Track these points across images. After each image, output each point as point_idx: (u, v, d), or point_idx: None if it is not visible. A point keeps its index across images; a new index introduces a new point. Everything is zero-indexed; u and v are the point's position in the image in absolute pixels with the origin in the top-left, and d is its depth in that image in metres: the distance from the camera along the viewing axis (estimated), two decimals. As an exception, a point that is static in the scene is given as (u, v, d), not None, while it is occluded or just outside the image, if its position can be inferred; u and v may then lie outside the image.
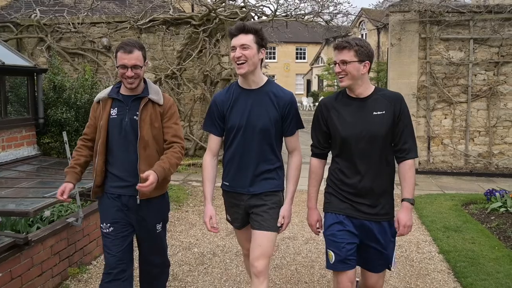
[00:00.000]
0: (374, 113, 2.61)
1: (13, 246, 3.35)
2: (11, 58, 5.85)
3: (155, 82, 9.87)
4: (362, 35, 30.69)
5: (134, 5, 10.78)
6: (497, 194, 6.17)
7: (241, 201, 2.85)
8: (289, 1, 9.84)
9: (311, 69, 39.39)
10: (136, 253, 3.06)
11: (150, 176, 2.56)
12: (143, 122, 2.79)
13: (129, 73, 2.73)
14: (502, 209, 5.79)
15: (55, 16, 10.31)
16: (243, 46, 2.67)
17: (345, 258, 2.66)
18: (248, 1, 9.89)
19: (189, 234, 5.33)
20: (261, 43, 2.73)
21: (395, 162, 2.72)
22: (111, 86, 2.95)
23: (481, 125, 9.39)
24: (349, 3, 28.14)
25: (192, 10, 13.33)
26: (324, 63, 35.11)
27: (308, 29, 11.44)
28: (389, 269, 2.79)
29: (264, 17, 10.28)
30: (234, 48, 2.70)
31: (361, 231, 2.68)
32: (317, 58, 38.13)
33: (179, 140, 2.87)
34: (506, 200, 5.91)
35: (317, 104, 2.99)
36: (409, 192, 2.65)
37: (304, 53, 42.38)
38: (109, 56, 10.20)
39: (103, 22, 10.12)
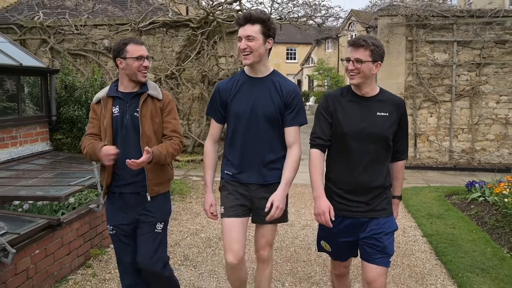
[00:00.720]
0: (378, 113, 2.64)
1: (47, 227, 3.79)
2: (27, 60, 6.26)
3: (155, 82, 10.30)
4: (351, 36, 31.32)
5: (133, 8, 11.19)
6: (476, 185, 6.70)
7: (245, 191, 2.80)
8: (283, 5, 10.33)
9: (302, 69, 39.94)
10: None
11: (144, 156, 2.60)
12: (144, 117, 2.81)
13: (147, 63, 2.81)
14: (481, 199, 6.32)
15: (58, 18, 10.68)
16: (249, 38, 2.63)
17: (341, 254, 2.86)
18: (244, 5, 10.36)
19: (195, 222, 5.78)
20: (268, 33, 2.67)
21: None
22: (108, 86, 2.95)
23: (464, 123, 9.95)
24: (339, 7, 28.76)
25: (187, 13, 13.77)
26: (314, 63, 35.63)
27: (300, 30, 11.93)
28: (388, 265, 2.72)
29: (259, 20, 10.72)
30: (240, 39, 2.68)
31: (358, 229, 2.70)
32: (307, 58, 38.67)
33: (178, 135, 2.90)
34: (484, 190, 6.44)
35: (306, 99, 3.10)
36: (399, 190, 2.85)
37: (295, 54, 42.91)
38: (110, 57, 10.58)
39: (105, 24, 10.52)
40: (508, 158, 9.86)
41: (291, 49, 42.53)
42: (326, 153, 2.78)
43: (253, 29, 2.62)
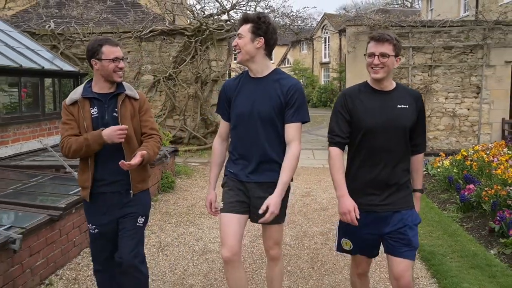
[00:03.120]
0: (399, 106, 2.64)
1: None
2: (63, 65, 7.74)
3: (154, 83, 11.86)
4: (325, 38, 33.17)
5: (130, 16, 12.66)
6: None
7: (244, 189, 2.80)
8: (265, 16, 11.97)
9: (278, 69, 41.58)
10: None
11: (138, 159, 2.65)
12: (123, 118, 2.81)
13: (122, 64, 2.78)
14: (424, 172, 8.11)
15: (67, 26, 12.08)
16: (239, 35, 2.71)
17: (364, 249, 2.80)
18: (232, 16, 12.00)
19: (203, 192, 7.37)
20: (257, 32, 2.67)
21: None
22: (81, 86, 2.88)
23: (419, 116, 11.77)
24: (314, 19, 30.84)
25: (174, 21, 15.30)
26: (290, 64, 37.43)
27: (279, 36, 13.59)
28: (414, 258, 2.74)
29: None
30: None
31: (381, 223, 2.68)
32: (283, 59, 40.35)
33: (157, 132, 2.94)
34: (428, 166, 8.24)
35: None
36: (420, 183, 2.80)
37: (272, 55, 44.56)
38: (114, 60, 12.03)
39: (110, 32, 11.96)
40: (455, 145, 11.72)
41: (267, 50, 43.98)
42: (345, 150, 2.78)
43: (244, 28, 2.70)
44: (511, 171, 5.62)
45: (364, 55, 2.71)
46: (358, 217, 2.59)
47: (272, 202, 2.61)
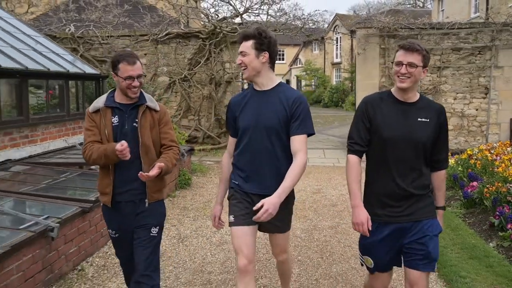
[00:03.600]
0: (419, 119, 2.60)
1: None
2: (86, 68, 8.16)
3: (170, 84, 12.28)
4: (337, 38, 33.40)
5: (146, 20, 13.11)
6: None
7: (251, 200, 2.80)
8: (278, 20, 12.34)
9: (290, 70, 41.90)
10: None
11: (156, 171, 2.71)
12: (143, 128, 2.88)
13: (136, 83, 2.83)
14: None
15: (86, 30, 12.55)
16: (242, 53, 2.76)
17: (384, 265, 2.80)
18: (245, 19, 12.37)
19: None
20: (261, 47, 2.74)
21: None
22: (105, 95, 2.98)
23: (428, 116, 12.02)
24: (324, 20, 31.41)
25: (187, 24, 15.75)
26: (302, 64, 37.73)
27: (291, 36, 13.92)
28: (433, 270, 2.72)
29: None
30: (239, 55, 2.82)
31: (401, 234, 2.66)
32: (295, 59, 40.66)
33: (176, 144, 3.02)
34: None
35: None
36: (442, 201, 2.77)
37: (283, 55, 44.84)
38: (131, 62, 12.47)
39: (128, 35, 12.41)
40: (464, 145, 11.93)
41: (279, 50, 44.10)
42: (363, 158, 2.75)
43: (246, 45, 2.76)
44: (511, 169, 5.90)
45: (392, 62, 2.70)
46: (370, 228, 2.59)
47: (268, 201, 2.56)
